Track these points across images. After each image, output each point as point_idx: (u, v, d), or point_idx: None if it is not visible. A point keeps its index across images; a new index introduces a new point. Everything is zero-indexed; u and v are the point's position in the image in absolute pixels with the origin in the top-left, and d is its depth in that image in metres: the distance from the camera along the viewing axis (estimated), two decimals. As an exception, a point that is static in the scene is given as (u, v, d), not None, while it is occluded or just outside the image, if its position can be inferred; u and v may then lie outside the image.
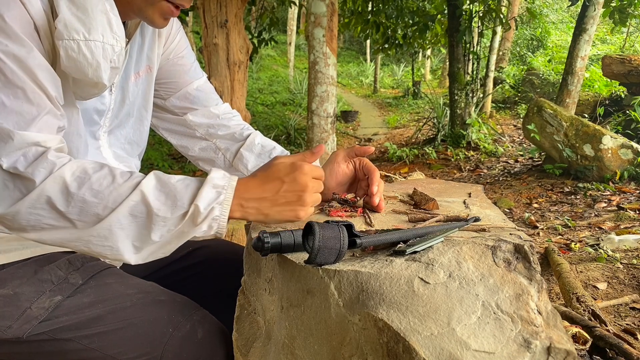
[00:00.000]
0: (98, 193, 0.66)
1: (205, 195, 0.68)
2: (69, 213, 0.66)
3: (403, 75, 15.47)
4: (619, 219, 3.05)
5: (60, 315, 0.76)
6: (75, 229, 0.67)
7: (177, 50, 1.03)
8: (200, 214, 0.68)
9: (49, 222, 0.66)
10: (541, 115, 4.41)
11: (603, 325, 1.43)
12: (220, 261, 1.10)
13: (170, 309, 0.83)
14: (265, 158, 1.03)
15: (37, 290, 0.77)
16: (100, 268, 0.86)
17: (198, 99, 1.05)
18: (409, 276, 0.54)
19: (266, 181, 0.73)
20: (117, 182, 0.68)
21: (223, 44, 3.45)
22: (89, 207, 0.66)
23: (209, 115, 1.07)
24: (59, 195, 0.66)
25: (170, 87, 1.04)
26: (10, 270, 0.78)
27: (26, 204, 0.65)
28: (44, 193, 0.65)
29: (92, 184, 0.67)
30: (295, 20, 13.23)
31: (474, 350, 0.45)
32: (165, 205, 0.67)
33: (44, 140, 0.68)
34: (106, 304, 0.79)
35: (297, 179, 0.73)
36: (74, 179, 0.67)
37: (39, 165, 0.66)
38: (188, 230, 0.69)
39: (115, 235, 0.67)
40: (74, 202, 0.66)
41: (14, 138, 0.65)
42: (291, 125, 8.52)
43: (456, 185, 1.10)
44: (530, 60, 10.43)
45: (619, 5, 5.80)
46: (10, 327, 0.74)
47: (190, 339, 0.82)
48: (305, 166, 0.74)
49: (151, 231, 0.68)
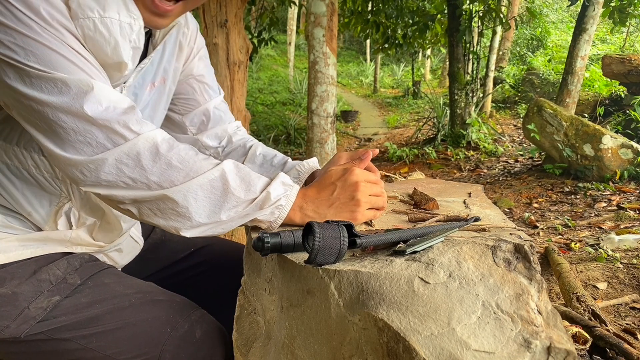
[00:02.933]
0: (183, 160, 0.69)
1: (276, 187, 0.74)
2: (151, 173, 0.67)
3: (403, 75, 15.46)
4: (619, 218, 3.05)
5: (58, 315, 0.76)
6: (149, 190, 0.68)
7: (199, 67, 1.04)
8: (270, 201, 0.73)
9: (126, 180, 0.67)
10: (541, 115, 4.41)
11: (603, 325, 1.43)
12: (221, 261, 1.10)
13: (168, 308, 0.83)
14: (267, 167, 1.03)
15: (36, 290, 0.77)
16: (98, 268, 0.86)
17: (215, 116, 1.06)
18: (409, 276, 0.54)
19: (321, 188, 0.78)
20: (200, 157, 0.72)
21: (223, 43, 3.44)
22: (171, 171, 0.68)
23: (221, 134, 1.08)
24: (148, 154, 0.68)
25: (189, 104, 1.05)
26: (9, 270, 0.78)
27: (115, 155, 0.66)
28: (135, 147, 0.67)
29: (180, 151, 0.70)
30: (295, 20, 13.22)
31: (474, 350, 0.45)
32: (240, 187, 0.71)
33: (122, 99, 0.70)
34: (104, 304, 0.79)
35: (348, 180, 0.77)
36: (165, 142, 0.70)
37: (131, 121, 0.68)
38: (252, 213, 0.73)
39: (186, 203, 0.69)
40: (160, 162, 0.68)
41: (95, 87, 0.66)
42: (291, 125, 8.52)
43: (456, 185, 1.10)
44: (530, 60, 10.42)
45: (619, 5, 5.79)
46: (8, 327, 0.74)
47: (189, 339, 0.82)
48: (355, 169, 0.79)
49: (222, 209, 0.70)
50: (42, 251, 0.82)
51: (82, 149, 0.66)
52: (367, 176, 0.79)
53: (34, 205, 0.81)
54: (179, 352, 0.80)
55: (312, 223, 0.60)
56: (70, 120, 0.65)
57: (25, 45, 0.63)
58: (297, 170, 0.98)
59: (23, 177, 0.80)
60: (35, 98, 0.64)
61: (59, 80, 0.64)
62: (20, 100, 0.65)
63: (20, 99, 0.65)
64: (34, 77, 0.64)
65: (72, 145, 0.66)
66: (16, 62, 0.63)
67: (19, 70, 0.64)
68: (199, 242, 1.12)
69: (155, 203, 0.69)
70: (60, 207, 0.83)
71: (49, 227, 0.82)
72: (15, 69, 0.64)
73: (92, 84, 0.66)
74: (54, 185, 0.81)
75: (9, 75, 0.64)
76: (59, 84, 0.64)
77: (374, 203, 0.78)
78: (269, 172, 1.01)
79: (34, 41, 0.64)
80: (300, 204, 0.76)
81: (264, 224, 0.75)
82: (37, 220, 0.81)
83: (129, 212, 0.72)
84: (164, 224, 0.71)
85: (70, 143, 0.66)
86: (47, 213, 0.82)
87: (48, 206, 0.82)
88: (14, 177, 0.80)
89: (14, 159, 0.79)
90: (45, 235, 0.82)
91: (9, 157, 0.79)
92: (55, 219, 0.82)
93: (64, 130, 0.65)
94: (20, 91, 0.64)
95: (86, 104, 0.65)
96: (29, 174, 0.80)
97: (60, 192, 0.82)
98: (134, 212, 0.71)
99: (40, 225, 0.82)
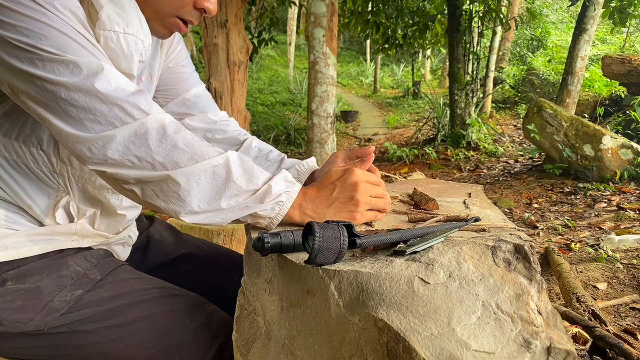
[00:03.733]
0: (189, 143, 0.70)
1: (278, 182, 0.74)
2: (156, 153, 0.68)
3: (403, 75, 15.47)
4: (619, 219, 3.05)
5: (81, 308, 0.79)
6: (153, 170, 0.69)
7: (177, 59, 1.06)
8: (270, 195, 0.73)
9: (132, 158, 0.68)
10: (541, 115, 4.41)
11: (603, 325, 1.43)
12: (210, 264, 1.11)
13: (185, 302, 0.87)
14: (262, 161, 1.03)
15: (59, 284, 0.80)
16: (115, 265, 0.89)
17: (196, 105, 1.07)
18: (409, 276, 0.54)
19: (321, 187, 0.79)
20: (205, 143, 0.73)
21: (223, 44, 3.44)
22: (177, 153, 0.69)
23: (206, 120, 1.08)
24: (155, 133, 0.68)
25: (169, 94, 1.06)
26: (28, 266, 0.80)
27: (123, 133, 0.67)
28: (143, 126, 0.68)
29: (187, 135, 0.71)
30: (295, 20, 13.22)
31: (474, 350, 0.45)
32: (242, 177, 0.72)
33: (130, 83, 0.71)
34: (125, 298, 0.82)
35: (348, 180, 0.78)
36: (172, 124, 0.71)
37: (141, 101, 0.69)
38: (252, 206, 0.73)
39: (188, 186, 0.69)
40: (166, 143, 0.69)
41: (105, 69, 0.68)
42: (291, 125, 8.52)
43: (456, 185, 1.10)
44: (530, 60, 10.43)
45: (619, 5, 5.80)
46: (32, 319, 0.76)
47: (206, 329, 0.86)
48: (356, 169, 0.79)
49: (222, 196, 0.71)
50: (51, 246, 0.83)
51: (91, 127, 0.67)
52: (368, 177, 0.80)
53: (34, 199, 0.82)
54: (197, 343, 0.84)
55: (312, 223, 0.60)
56: (82, 99, 0.66)
57: (37, 29, 0.65)
58: (296, 169, 0.99)
59: (22, 171, 0.81)
60: (49, 79, 0.66)
61: (70, 62, 0.66)
62: (33, 82, 0.66)
63: (33, 81, 0.66)
64: (47, 60, 0.65)
65: (82, 122, 0.67)
66: (28, 46, 0.65)
67: (31, 54, 0.65)
68: (189, 243, 1.13)
69: (158, 184, 0.70)
70: (58, 201, 0.84)
71: (49, 220, 0.83)
72: (28, 53, 0.65)
73: (102, 66, 0.68)
74: (52, 179, 0.83)
75: (21, 59, 0.65)
76: (71, 65, 0.66)
77: (374, 204, 0.78)
78: (264, 167, 1.02)
79: (45, 25, 0.65)
80: (300, 203, 0.76)
81: (264, 220, 0.75)
82: (37, 214, 0.82)
83: (132, 193, 0.72)
84: (165, 207, 0.71)
85: (80, 121, 0.67)
86: (47, 206, 0.83)
87: (47, 199, 0.83)
88: (13, 171, 0.81)
89: (12, 153, 0.80)
90: (52, 230, 0.83)
91: (7, 152, 0.80)
92: (54, 212, 0.84)
93: (75, 108, 0.67)
94: (32, 73, 0.66)
95: (97, 83, 0.67)
96: (28, 168, 0.81)
97: (58, 185, 0.83)
98: (137, 192, 0.72)
99: (40, 219, 0.83)
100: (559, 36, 11.82)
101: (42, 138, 0.80)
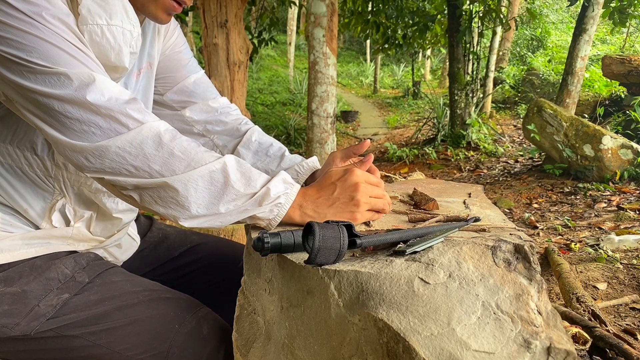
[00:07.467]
0: (186, 150, 0.70)
1: (276, 184, 0.74)
2: (153, 161, 0.68)
3: (403, 75, 15.46)
4: (619, 219, 3.05)
5: (68, 312, 0.77)
6: (151, 178, 0.69)
7: (174, 45, 1.04)
8: (269, 197, 0.73)
9: (129, 167, 0.68)
10: (541, 115, 4.41)
11: (603, 325, 1.43)
12: (217, 258, 1.10)
13: (175, 306, 0.85)
14: (262, 155, 1.03)
15: (45, 288, 0.78)
16: (105, 267, 0.87)
17: (195, 92, 1.06)
18: (409, 276, 0.54)
19: (321, 187, 0.79)
20: (202, 149, 0.73)
21: (223, 44, 3.44)
22: (173, 160, 0.69)
23: (207, 109, 1.06)
24: (151, 142, 0.68)
25: (167, 82, 1.05)
26: (17, 269, 0.79)
27: (118, 143, 0.67)
28: (138, 136, 0.68)
29: (182, 142, 0.71)
30: (295, 20, 13.22)
31: (474, 350, 0.45)
32: (240, 181, 0.72)
33: (123, 91, 0.71)
34: (113, 302, 0.80)
35: (348, 180, 0.77)
36: (168, 132, 0.71)
37: (134, 111, 0.69)
38: (251, 209, 0.73)
39: (186, 192, 0.69)
40: (163, 151, 0.69)
41: (96, 80, 0.67)
42: (291, 125, 8.52)
43: (456, 185, 1.10)
44: (530, 60, 10.42)
45: (619, 5, 5.79)
46: (19, 324, 0.75)
47: (196, 335, 0.83)
48: (356, 169, 0.79)
49: (220, 201, 0.71)
50: (47, 250, 0.83)
51: (86, 138, 0.67)
52: (368, 177, 0.79)
53: (30, 202, 0.82)
54: (187, 348, 0.82)
55: (312, 223, 0.60)
56: (75, 111, 0.66)
57: (27, 42, 0.64)
58: (296, 170, 0.98)
59: (17, 175, 0.81)
60: (40, 91, 0.65)
61: (61, 74, 0.66)
62: (25, 94, 0.66)
63: (24, 93, 0.66)
64: (38, 72, 0.65)
65: (77, 134, 0.67)
66: (18, 59, 0.64)
67: (21, 67, 0.65)
68: (195, 239, 1.12)
69: (156, 190, 0.70)
70: (53, 204, 0.83)
71: (46, 223, 0.83)
72: (18, 65, 0.65)
73: (93, 76, 0.67)
74: (47, 183, 0.82)
75: (13, 72, 0.65)
76: (62, 77, 0.66)
77: (374, 205, 0.78)
78: (264, 162, 1.01)
79: (35, 37, 0.65)
80: (300, 203, 0.76)
81: (263, 221, 0.75)
82: (33, 217, 0.82)
83: (131, 199, 0.72)
84: (164, 212, 0.71)
85: (74, 132, 0.67)
86: (42, 209, 0.83)
87: (42, 203, 0.83)
88: (8, 174, 0.81)
89: (7, 157, 0.80)
90: (48, 233, 0.83)
91: (2, 156, 0.80)
92: (50, 215, 0.83)
93: (69, 120, 0.66)
94: (24, 86, 0.65)
95: (89, 95, 0.66)
96: (22, 171, 0.81)
97: (54, 189, 0.83)
98: (135, 198, 0.72)
99: (36, 222, 0.83)
100: (559, 36, 11.82)
101: (35, 143, 0.80)
